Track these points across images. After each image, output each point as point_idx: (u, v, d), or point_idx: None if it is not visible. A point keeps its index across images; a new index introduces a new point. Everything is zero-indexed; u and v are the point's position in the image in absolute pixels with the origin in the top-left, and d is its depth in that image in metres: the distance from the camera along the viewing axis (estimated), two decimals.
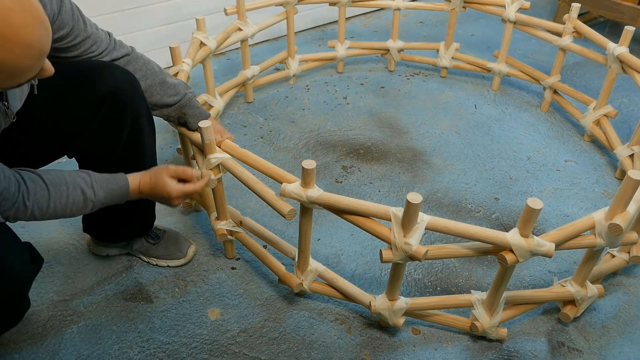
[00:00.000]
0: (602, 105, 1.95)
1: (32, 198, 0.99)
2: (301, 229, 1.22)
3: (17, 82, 0.80)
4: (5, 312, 1.05)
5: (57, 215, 1.05)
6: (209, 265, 1.47)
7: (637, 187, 1.06)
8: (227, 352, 1.25)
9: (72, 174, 1.07)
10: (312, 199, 1.12)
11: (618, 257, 1.40)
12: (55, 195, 1.02)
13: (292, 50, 2.28)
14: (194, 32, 1.80)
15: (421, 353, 1.26)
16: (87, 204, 1.08)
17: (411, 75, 2.47)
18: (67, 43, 1.11)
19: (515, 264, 1.08)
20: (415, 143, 2.01)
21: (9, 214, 0.98)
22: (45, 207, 1.02)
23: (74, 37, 1.11)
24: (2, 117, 0.97)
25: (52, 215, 1.04)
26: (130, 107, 1.17)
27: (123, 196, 1.14)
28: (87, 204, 1.08)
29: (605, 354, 1.27)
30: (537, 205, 1.01)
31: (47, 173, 1.03)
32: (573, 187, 1.81)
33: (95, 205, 1.10)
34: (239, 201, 1.70)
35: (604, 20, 3.02)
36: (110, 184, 1.11)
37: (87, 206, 1.08)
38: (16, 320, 1.11)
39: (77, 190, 1.06)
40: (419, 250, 1.06)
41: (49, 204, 1.02)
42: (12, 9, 0.73)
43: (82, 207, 1.08)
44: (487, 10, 2.22)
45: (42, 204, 1.01)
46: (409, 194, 1.01)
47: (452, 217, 1.67)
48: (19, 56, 0.75)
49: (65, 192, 1.04)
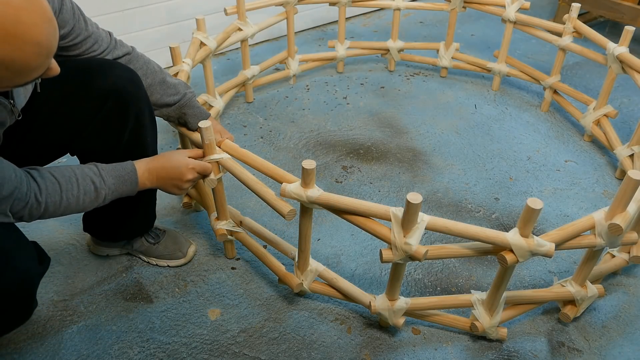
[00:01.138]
0: (602, 105, 1.95)
1: (45, 193, 1.00)
2: (301, 229, 1.22)
3: (24, 81, 0.80)
4: (13, 311, 1.05)
5: (70, 209, 1.05)
6: (209, 265, 1.47)
7: (637, 187, 1.06)
8: (227, 352, 1.25)
9: (79, 166, 1.08)
10: (312, 199, 1.12)
11: (618, 257, 1.40)
12: (66, 187, 1.03)
13: (292, 50, 2.28)
14: (194, 32, 1.80)
15: (421, 353, 1.26)
16: (98, 194, 1.08)
17: (411, 75, 2.47)
18: (68, 42, 1.11)
19: (515, 264, 1.08)
20: (415, 143, 2.01)
21: (23, 213, 0.98)
22: (59, 201, 1.02)
23: (75, 36, 1.12)
24: (8, 115, 0.97)
25: (65, 208, 1.04)
26: (133, 104, 1.18)
27: (132, 181, 1.14)
28: (99, 193, 1.08)
29: (605, 354, 1.27)
30: (537, 205, 1.01)
31: (55, 169, 1.04)
32: (573, 187, 1.81)
33: (107, 195, 1.10)
34: (239, 201, 1.70)
35: (604, 20, 3.02)
36: (118, 170, 1.12)
37: (100, 195, 1.09)
38: (24, 319, 1.11)
39: (87, 180, 1.06)
40: (418, 250, 1.06)
41: (61, 197, 1.02)
42: (23, 7, 0.73)
43: (95, 197, 1.08)
44: (487, 10, 2.22)
45: (55, 198, 1.01)
46: (409, 194, 1.01)
47: (452, 217, 1.67)
48: (29, 54, 0.76)
49: (75, 183, 1.04)
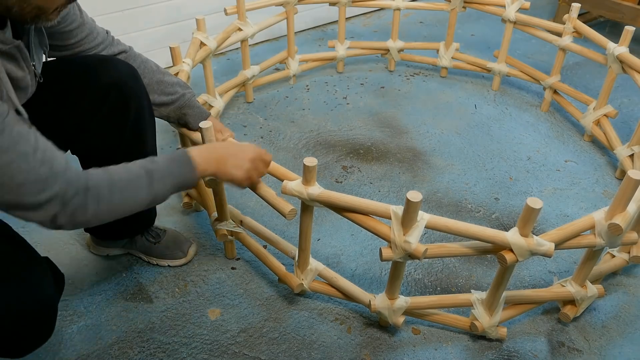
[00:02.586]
0: (602, 105, 1.95)
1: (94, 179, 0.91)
2: (302, 228, 1.22)
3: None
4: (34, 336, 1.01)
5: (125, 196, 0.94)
6: (209, 265, 1.47)
7: (637, 186, 1.06)
8: (227, 352, 1.25)
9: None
10: (313, 196, 1.12)
11: (618, 257, 1.40)
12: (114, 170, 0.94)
13: (292, 50, 2.28)
14: (194, 32, 1.80)
15: (421, 353, 1.26)
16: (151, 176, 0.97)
17: (411, 75, 2.47)
18: (62, 28, 1.11)
19: (514, 264, 1.08)
20: (415, 143, 2.01)
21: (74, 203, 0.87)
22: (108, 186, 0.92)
23: (69, 22, 1.11)
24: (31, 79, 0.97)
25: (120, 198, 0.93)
26: (133, 98, 1.18)
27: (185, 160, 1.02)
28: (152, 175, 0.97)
29: (605, 354, 1.27)
30: (537, 205, 1.01)
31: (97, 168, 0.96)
32: (573, 187, 1.81)
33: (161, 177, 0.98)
34: (239, 201, 1.70)
35: (604, 20, 3.02)
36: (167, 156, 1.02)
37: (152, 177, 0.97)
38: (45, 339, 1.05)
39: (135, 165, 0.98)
40: (418, 248, 1.06)
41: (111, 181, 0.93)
42: None
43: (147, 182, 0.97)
44: (487, 10, 2.22)
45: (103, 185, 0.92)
46: (409, 192, 1.01)
47: (452, 217, 1.66)
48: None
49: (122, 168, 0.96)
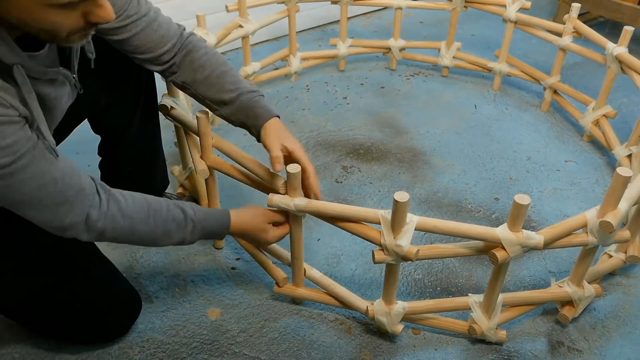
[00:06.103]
0: (601, 105, 1.95)
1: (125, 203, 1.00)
2: (292, 237, 1.22)
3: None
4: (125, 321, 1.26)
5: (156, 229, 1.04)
6: (209, 265, 1.47)
7: (626, 183, 1.06)
8: (227, 352, 1.25)
9: None
10: (300, 207, 1.12)
11: (615, 257, 1.41)
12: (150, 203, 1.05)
13: (293, 47, 2.28)
14: (194, 29, 1.80)
15: (421, 353, 1.26)
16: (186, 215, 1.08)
17: (411, 75, 2.47)
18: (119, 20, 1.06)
19: (507, 261, 1.08)
20: (415, 143, 2.01)
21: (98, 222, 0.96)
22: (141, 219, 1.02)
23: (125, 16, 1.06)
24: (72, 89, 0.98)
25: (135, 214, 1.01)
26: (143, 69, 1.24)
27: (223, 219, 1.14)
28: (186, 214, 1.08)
29: (605, 354, 1.27)
30: (525, 201, 1.01)
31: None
32: (573, 187, 1.81)
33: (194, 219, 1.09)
34: (239, 201, 1.70)
35: (604, 20, 3.02)
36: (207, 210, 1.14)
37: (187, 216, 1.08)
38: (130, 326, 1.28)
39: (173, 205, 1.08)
40: (410, 250, 1.06)
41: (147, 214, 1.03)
42: None
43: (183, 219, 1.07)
44: (488, 9, 2.22)
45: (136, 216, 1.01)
46: (397, 192, 1.00)
47: (452, 217, 1.67)
48: None
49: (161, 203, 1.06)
